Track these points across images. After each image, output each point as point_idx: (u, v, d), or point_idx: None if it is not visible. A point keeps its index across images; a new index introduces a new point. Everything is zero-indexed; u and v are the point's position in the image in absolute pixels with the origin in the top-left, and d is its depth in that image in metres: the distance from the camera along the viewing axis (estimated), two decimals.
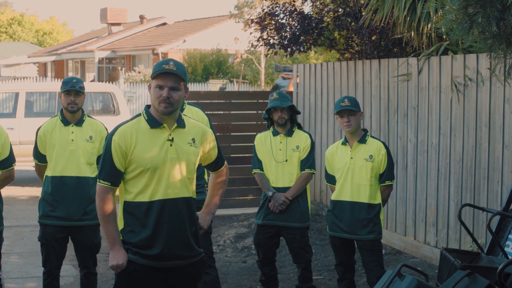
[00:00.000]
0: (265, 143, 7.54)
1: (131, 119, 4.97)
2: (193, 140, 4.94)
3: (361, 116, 7.07)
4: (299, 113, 7.66)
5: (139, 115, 4.94)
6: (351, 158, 7.01)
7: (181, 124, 4.92)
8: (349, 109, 6.92)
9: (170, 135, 4.85)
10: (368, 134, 7.11)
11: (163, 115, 4.82)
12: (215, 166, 5.26)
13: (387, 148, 7.08)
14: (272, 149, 7.47)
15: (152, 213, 4.80)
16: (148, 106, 4.97)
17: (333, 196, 7.17)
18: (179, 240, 4.86)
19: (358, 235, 6.97)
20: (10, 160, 6.86)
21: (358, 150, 7.02)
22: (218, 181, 5.34)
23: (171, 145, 4.83)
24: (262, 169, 7.59)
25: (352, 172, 7.00)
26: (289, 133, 7.47)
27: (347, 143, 7.09)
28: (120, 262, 4.80)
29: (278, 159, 7.44)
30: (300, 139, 7.47)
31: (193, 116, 7.20)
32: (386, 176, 7.03)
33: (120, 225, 4.91)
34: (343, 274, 7.19)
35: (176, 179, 4.84)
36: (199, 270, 5.06)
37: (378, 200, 7.03)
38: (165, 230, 4.81)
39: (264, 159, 7.56)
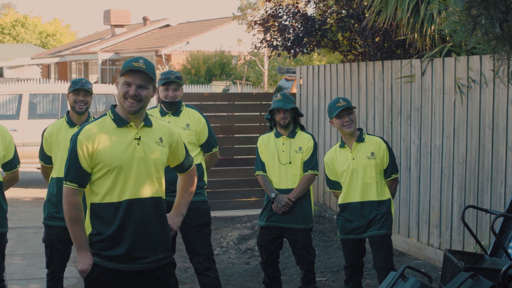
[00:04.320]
0: (268, 145, 7.53)
1: (97, 118, 4.90)
2: (161, 139, 4.88)
3: (355, 114, 7.09)
4: (302, 115, 7.66)
5: (105, 114, 4.86)
6: (353, 158, 7.01)
7: (148, 123, 4.87)
8: (348, 108, 6.92)
9: (137, 133, 4.79)
10: (364, 132, 7.13)
11: (129, 114, 4.76)
12: (181, 168, 5.18)
13: (386, 142, 7.12)
14: (275, 151, 7.46)
15: (119, 213, 4.71)
16: (114, 106, 4.90)
17: (341, 200, 7.16)
18: (145, 241, 4.76)
19: (369, 232, 6.98)
20: (14, 162, 6.87)
21: (359, 149, 7.02)
22: (186, 183, 5.25)
23: (138, 143, 4.77)
24: (265, 171, 7.58)
25: (356, 172, 7.00)
26: (292, 135, 7.47)
27: (345, 145, 7.10)
28: (85, 267, 4.73)
29: (282, 161, 7.43)
30: (303, 140, 7.46)
31: (190, 118, 7.22)
32: (390, 170, 7.06)
33: (88, 229, 4.81)
34: (351, 276, 7.19)
35: (144, 178, 4.76)
36: (169, 274, 4.98)
37: (387, 195, 7.05)
38: (131, 230, 4.71)
39: (267, 160, 7.55)
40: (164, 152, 4.89)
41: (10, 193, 7.48)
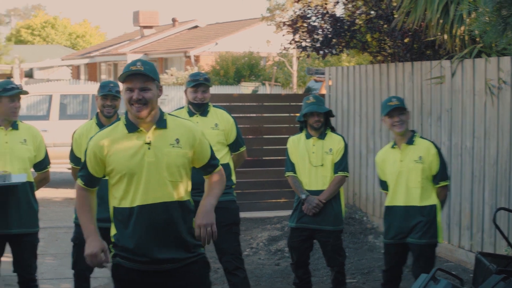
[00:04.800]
0: (299, 146, 7.51)
1: (111, 124, 4.87)
2: (177, 140, 4.75)
3: (409, 115, 6.94)
4: (333, 116, 7.64)
5: (119, 119, 4.84)
6: (401, 161, 6.86)
7: (161, 125, 4.75)
8: (399, 108, 6.79)
9: (148, 138, 4.70)
10: (416, 134, 6.95)
11: (138, 118, 4.69)
12: (206, 169, 4.97)
13: (437, 147, 6.91)
14: (306, 152, 7.44)
15: (132, 219, 4.69)
16: None
17: (387, 202, 7.05)
18: (160, 244, 4.70)
19: (411, 238, 6.83)
20: (45, 162, 6.95)
21: (407, 152, 6.86)
22: (213, 181, 5.01)
23: (149, 148, 4.68)
24: (295, 172, 7.56)
25: (402, 175, 6.84)
26: (322, 136, 7.44)
27: (396, 146, 6.95)
28: (95, 250, 4.67)
29: (313, 162, 7.41)
30: (333, 142, 7.44)
31: (218, 118, 7.23)
32: (440, 177, 6.86)
33: (113, 230, 4.85)
34: (388, 281, 7.10)
35: (154, 183, 4.66)
36: (197, 273, 4.86)
37: (432, 201, 6.84)
38: (144, 234, 4.68)
39: (297, 162, 7.53)
40: (180, 154, 4.75)
41: (41, 193, 7.54)
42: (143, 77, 4.66)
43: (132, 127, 4.74)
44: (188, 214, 4.84)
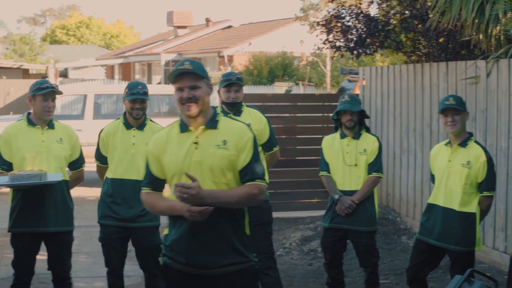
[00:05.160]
0: (333, 146, 7.50)
1: (170, 124, 4.88)
2: (224, 142, 4.67)
3: (467, 116, 6.82)
4: (368, 117, 7.59)
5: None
6: (449, 161, 6.77)
7: (211, 125, 4.71)
8: (454, 108, 6.67)
9: (196, 137, 4.68)
10: (472, 138, 6.80)
11: (190, 118, 4.68)
12: (242, 176, 4.72)
13: (488, 156, 6.70)
14: (340, 152, 7.42)
15: (178, 218, 4.65)
16: None
17: (430, 199, 6.97)
18: (202, 247, 4.63)
19: (446, 243, 6.73)
20: (80, 161, 7.01)
21: (457, 153, 6.74)
22: (242, 186, 4.73)
23: (196, 148, 4.66)
24: (329, 172, 7.55)
25: (447, 175, 6.74)
26: (357, 136, 7.41)
27: (449, 144, 6.86)
28: (185, 208, 4.49)
29: (347, 162, 7.39)
30: (368, 142, 7.41)
31: (252, 117, 7.23)
32: (484, 186, 6.67)
33: (166, 230, 4.82)
34: (413, 279, 7.04)
35: (200, 183, 4.54)
36: (244, 281, 4.77)
37: (472, 209, 6.68)
38: (189, 236, 4.63)
39: (332, 161, 7.51)
40: (225, 156, 4.65)
41: (76, 192, 7.59)
42: (192, 75, 4.66)
43: (183, 127, 4.74)
44: (235, 218, 4.74)
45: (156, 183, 4.79)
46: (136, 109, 6.85)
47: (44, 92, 6.63)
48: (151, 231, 7.00)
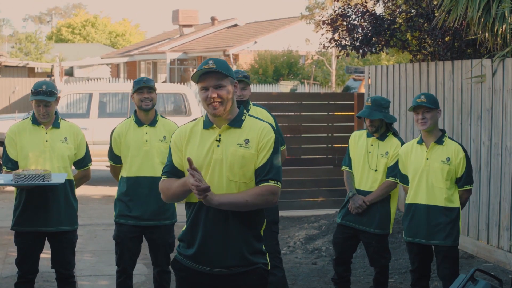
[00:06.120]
0: (358, 142, 7.47)
1: (195, 119, 4.86)
2: (246, 141, 4.64)
3: (438, 114, 6.84)
4: (393, 121, 7.42)
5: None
6: (427, 159, 6.82)
7: (235, 124, 4.68)
8: (424, 106, 6.72)
9: (219, 135, 4.66)
10: (445, 135, 6.90)
11: (215, 116, 4.64)
12: (257, 176, 4.65)
13: (465, 151, 6.86)
14: (363, 151, 7.40)
15: (192, 213, 4.67)
16: None
17: (408, 199, 7.02)
18: (214, 245, 4.60)
19: (435, 240, 6.81)
20: (86, 160, 6.99)
21: (435, 151, 6.82)
22: (256, 187, 4.64)
23: (218, 145, 4.64)
24: (351, 167, 7.54)
25: (427, 173, 6.81)
26: (382, 137, 7.36)
27: (423, 143, 6.90)
28: (191, 180, 4.43)
29: (369, 163, 7.35)
30: (391, 145, 7.33)
31: (258, 116, 7.21)
32: (464, 181, 6.85)
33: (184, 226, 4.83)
34: (417, 281, 7.06)
35: (215, 181, 4.58)
36: (253, 283, 4.72)
37: (456, 203, 6.85)
38: (200, 232, 4.61)
39: (354, 158, 7.50)
40: (247, 155, 4.61)
41: (80, 190, 7.61)
42: (216, 74, 4.62)
43: (207, 124, 4.71)
44: (251, 218, 4.69)
45: (175, 173, 4.74)
46: (145, 99, 6.85)
47: (35, 98, 6.62)
48: (168, 229, 7.03)
